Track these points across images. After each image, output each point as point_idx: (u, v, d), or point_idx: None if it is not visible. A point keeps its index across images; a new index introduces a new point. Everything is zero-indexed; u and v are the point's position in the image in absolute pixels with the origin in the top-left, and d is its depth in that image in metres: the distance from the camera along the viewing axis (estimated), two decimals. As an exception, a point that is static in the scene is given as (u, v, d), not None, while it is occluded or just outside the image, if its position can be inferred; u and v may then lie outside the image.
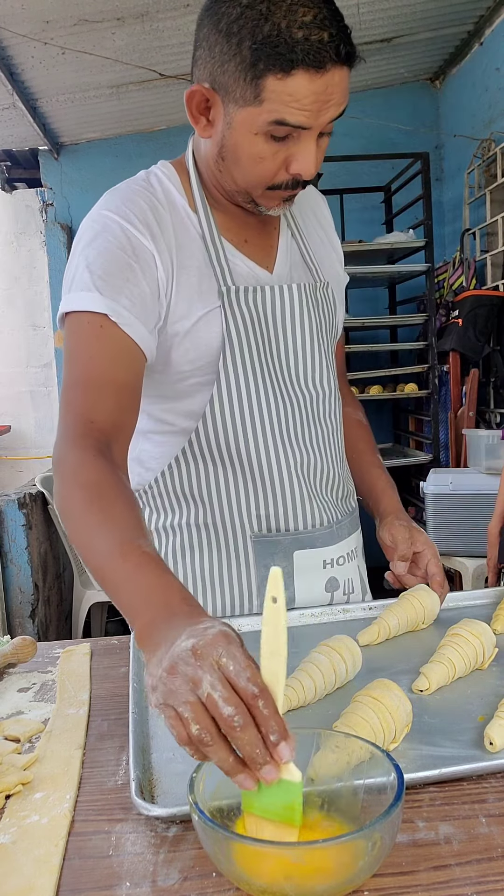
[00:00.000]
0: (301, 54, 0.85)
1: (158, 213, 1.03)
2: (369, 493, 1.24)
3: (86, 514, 0.82)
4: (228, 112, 0.93)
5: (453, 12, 3.58)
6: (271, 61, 0.85)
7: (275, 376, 1.09)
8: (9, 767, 0.73)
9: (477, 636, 0.90)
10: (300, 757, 0.64)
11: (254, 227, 1.10)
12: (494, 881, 0.56)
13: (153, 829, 0.65)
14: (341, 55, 0.87)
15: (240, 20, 0.87)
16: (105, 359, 0.96)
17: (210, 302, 1.03)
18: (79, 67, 3.38)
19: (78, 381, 0.95)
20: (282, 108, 0.88)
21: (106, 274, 0.97)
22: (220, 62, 0.90)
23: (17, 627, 2.98)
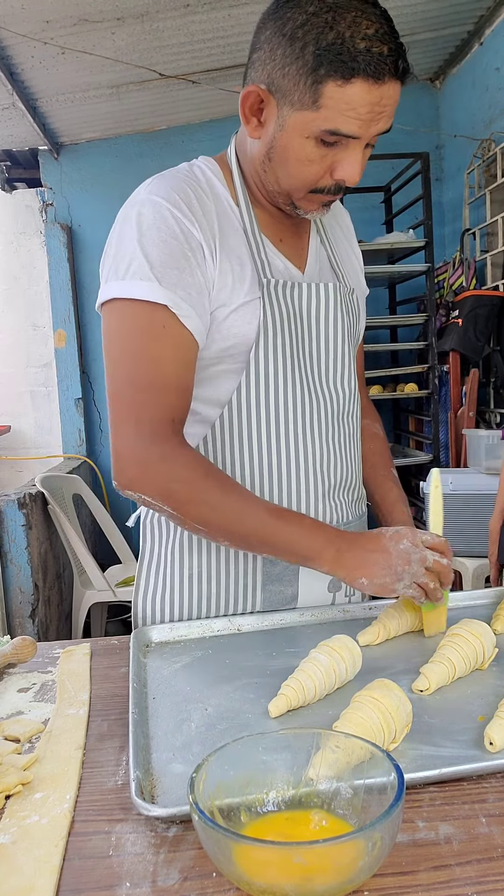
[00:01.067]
0: (363, 64, 0.88)
1: (203, 200, 1.04)
2: (380, 505, 1.27)
3: (227, 496, 0.98)
4: (282, 114, 0.96)
5: (453, 12, 3.57)
6: (333, 67, 0.89)
7: (303, 372, 1.10)
8: (9, 767, 0.73)
9: (477, 636, 0.90)
10: (300, 757, 0.65)
11: (288, 227, 1.13)
12: (494, 881, 0.56)
13: (153, 829, 0.65)
14: (398, 70, 0.91)
15: (305, 26, 0.90)
16: (172, 362, 1.00)
17: (251, 292, 1.05)
18: (79, 67, 3.38)
19: (147, 387, 0.99)
20: (337, 117, 0.92)
21: (163, 264, 0.98)
22: (280, 65, 0.93)
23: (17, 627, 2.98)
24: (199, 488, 0.98)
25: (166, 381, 0.99)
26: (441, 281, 3.97)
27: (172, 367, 1.00)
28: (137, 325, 0.99)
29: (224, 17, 3.19)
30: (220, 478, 1.00)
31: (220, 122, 4.31)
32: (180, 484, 0.98)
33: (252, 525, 0.98)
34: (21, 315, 4.53)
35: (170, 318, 0.98)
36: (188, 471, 0.98)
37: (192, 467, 0.98)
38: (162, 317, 0.98)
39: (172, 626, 1.08)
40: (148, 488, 0.98)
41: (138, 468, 0.98)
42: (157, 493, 0.98)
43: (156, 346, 0.99)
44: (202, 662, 0.99)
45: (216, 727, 0.80)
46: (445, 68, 4.25)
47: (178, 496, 0.98)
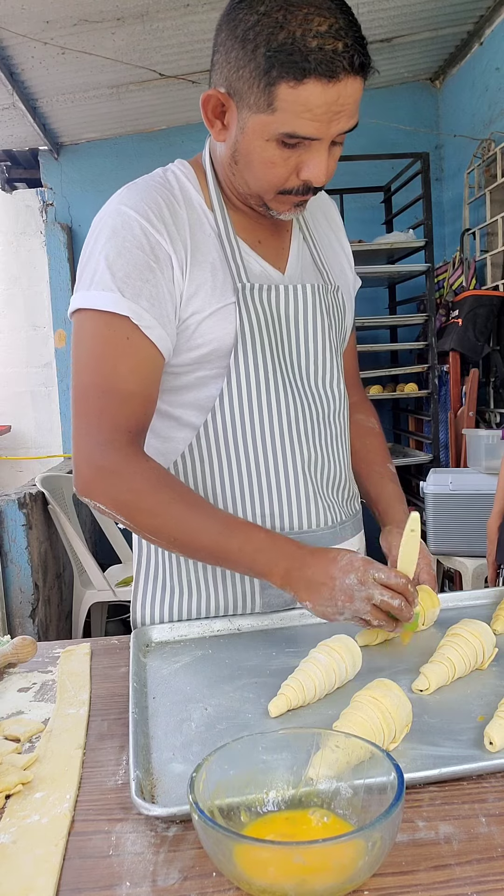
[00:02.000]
0: (314, 63, 0.85)
1: (174, 209, 1.04)
2: (378, 504, 1.23)
3: (180, 507, 0.97)
4: (242, 117, 0.94)
5: (453, 12, 3.57)
6: (285, 69, 0.86)
7: (286, 374, 1.09)
8: (9, 767, 0.73)
9: (477, 636, 0.90)
10: (300, 757, 0.65)
11: (267, 228, 1.11)
12: (494, 881, 0.56)
13: (153, 829, 0.65)
14: (355, 65, 0.88)
15: (256, 27, 0.88)
16: (132, 371, 1.00)
17: (225, 298, 1.04)
18: (79, 67, 3.38)
19: (105, 394, 0.99)
20: (293, 119, 0.90)
21: (127, 275, 0.98)
22: (235, 68, 0.91)
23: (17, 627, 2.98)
24: (151, 499, 0.97)
25: (125, 390, 0.99)
26: (441, 281, 3.97)
27: (132, 377, 0.99)
28: (100, 335, 1.00)
29: (224, 17, 3.19)
30: (174, 489, 0.99)
31: (220, 122, 4.31)
32: (132, 494, 0.97)
33: (203, 538, 0.96)
34: (21, 315, 4.53)
35: (132, 330, 0.98)
36: (141, 481, 0.97)
37: (145, 477, 0.97)
38: (124, 328, 0.98)
39: (172, 626, 1.08)
40: (101, 497, 0.98)
41: (93, 476, 0.98)
42: (109, 502, 0.98)
43: (116, 355, 0.99)
44: (202, 662, 0.99)
45: (216, 727, 0.80)
46: (445, 68, 4.25)
47: (130, 506, 0.97)
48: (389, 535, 1.14)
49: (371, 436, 1.31)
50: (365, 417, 1.32)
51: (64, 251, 4.36)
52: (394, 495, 1.23)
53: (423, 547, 1.14)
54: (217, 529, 0.96)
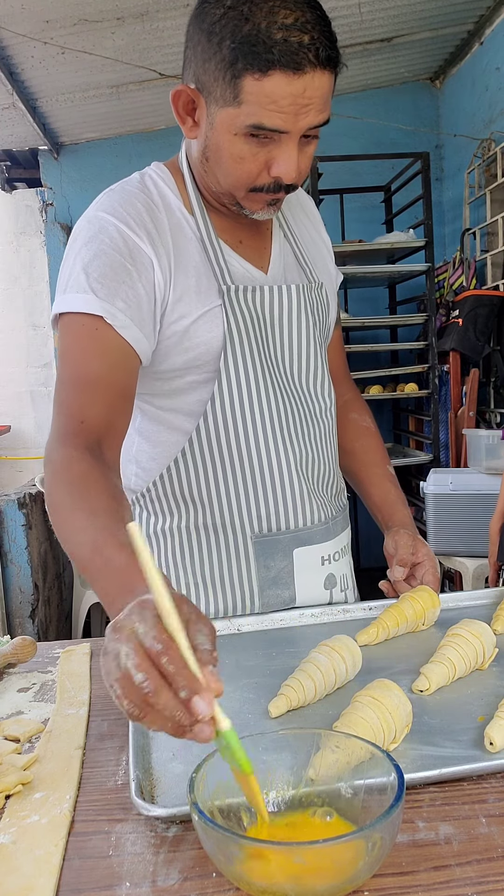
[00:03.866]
0: (278, 55, 0.85)
1: (154, 215, 1.03)
2: (380, 506, 1.22)
3: (69, 510, 0.85)
4: (210, 112, 0.93)
5: (453, 12, 3.58)
6: (249, 60, 0.86)
7: (274, 374, 1.09)
8: (9, 767, 0.73)
9: (477, 636, 0.90)
10: (300, 757, 0.65)
11: (247, 228, 1.10)
12: (494, 881, 0.56)
13: (153, 829, 0.65)
14: (321, 58, 0.86)
15: (222, 20, 0.87)
16: (98, 359, 0.96)
17: (210, 301, 1.04)
18: (79, 67, 3.38)
19: (69, 381, 0.97)
20: (259, 111, 0.89)
21: (102, 276, 0.97)
22: (202, 61, 0.91)
23: (17, 627, 2.98)
24: (57, 496, 0.89)
25: (89, 377, 0.96)
26: (441, 281, 3.97)
27: (97, 363, 0.96)
28: (74, 335, 0.98)
29: (224, 17, 3.19)
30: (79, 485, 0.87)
31: (220, 121, 4.31)
32: (50, 490, 0.90)
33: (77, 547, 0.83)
34: (21, 315, 4.53)
35: (105, 327, 0.96)
36: (58, 478, 0.89)
37: (63, 472, 0.89)
38: (96, 325, 0.96)
39: (172, 626, 1.08)
40: (46, 496, 0.93)
41: (44, 470, 0.94)
42: (46, 502, 0.92)
43: (83, 347, 0.97)
44: (202, 662, 0.98)
45: (216, 727, 0.80)
46: (445, 68, 4.25)
47: (50, 508, 0.90)
48: (396, 536, 1.14)
49: (367, 436, 1.30)
50: (359, 416, 1.31)
51: (64, 251, 4.36)
52: (397, 499, 1.23)
53: (427, 548, 1.14)
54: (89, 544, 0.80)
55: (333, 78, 0.91)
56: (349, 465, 1.28)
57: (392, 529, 1.16)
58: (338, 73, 0.91)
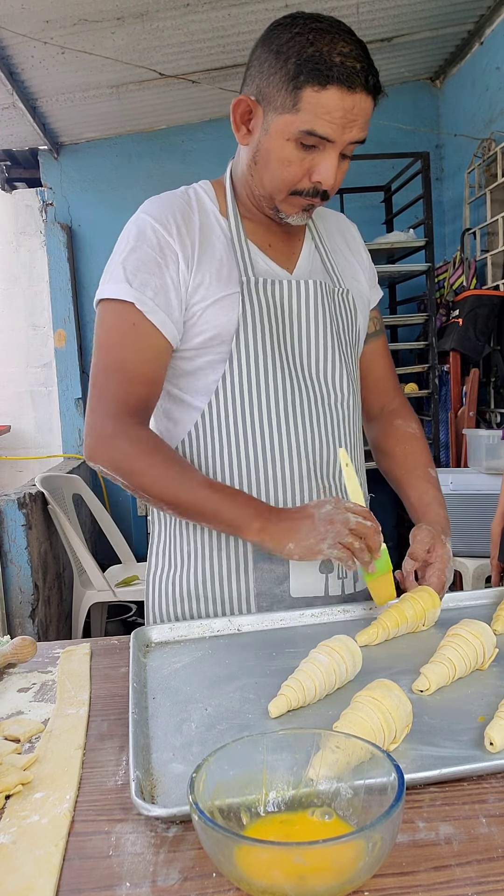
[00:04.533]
0: (336, 73, 1.00)
1: (186, 214, 1.17)
2: (416, 506, 1.25)
3: (168, 469, 1.09)
4: (267, 120, 1.07)
5: (453, 12, 3.58)
6: (311, 75, 1.01)
7: (285, 361, 1.16)
8: (9, 767, 0.73)
9: (477, 636, 0.90)
10: (300, 758, 0.65)
11: (279, 235, 1.21)
12: (495, 881, 0.56)
13: (153, 829, 0.65)
14: (369, 84, 1.03)
15: (289, 42, 1.03)
16: (138, 354, 1.13)
17: (229, 287, 1.14)
18: (79, 67, 3.38)
19: (112, 369, 1.13)
20: (313, 119, 1.03)
21: (136, 269, 1.13)
22: (267, 75, 1.05)
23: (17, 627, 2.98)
24: (142, 461, 1.09)
25: (130, 371, 1.12)
26: (441, 280, 3.97)
27: (137, 358, 1.12)
28: (111, 320, 1.14)
29: (224, 17, 3.19)
30: (165, 452, 1.10)
31: (219, 121, 4.31)
32: (127, 457, 1.10)
33: (187, 493, 1.09)
34: (21, 315, 4.53)
35: (137, 315, 1.11)
36: (135, 446, 1.10)
37: (139, 442, 1.10)
38: (130, 314, 1.12)
39: (172, 626, 1.08)
40: (102, 458, 1.11)
41: (96, 442, 1.11)
42: (108, 463, 1.11)
43: (123, 342, 1.13)
44: (202, 662, 0.99)
45: (216, 727, 0.80)
46: (445, 68, 4.25)
47: (125, 468, 1.10)
48: (417, 531, 1.16)
49: (411, 440, 1.33)
50: (405, 422, 1.35)
51: (64, 251, 4.36)
52: (433, 499, 1.25)
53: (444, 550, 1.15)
54: (202, 488, 1.09)
55: (373, 105, 1.06)
56: (390, 468, 1.33)
57: (416, 526, 1.18)
58: (376, 103, 1.06)
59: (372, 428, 1.40)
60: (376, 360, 1.36)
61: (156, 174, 4.37)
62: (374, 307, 1.35)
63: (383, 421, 1.37)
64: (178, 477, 1.09)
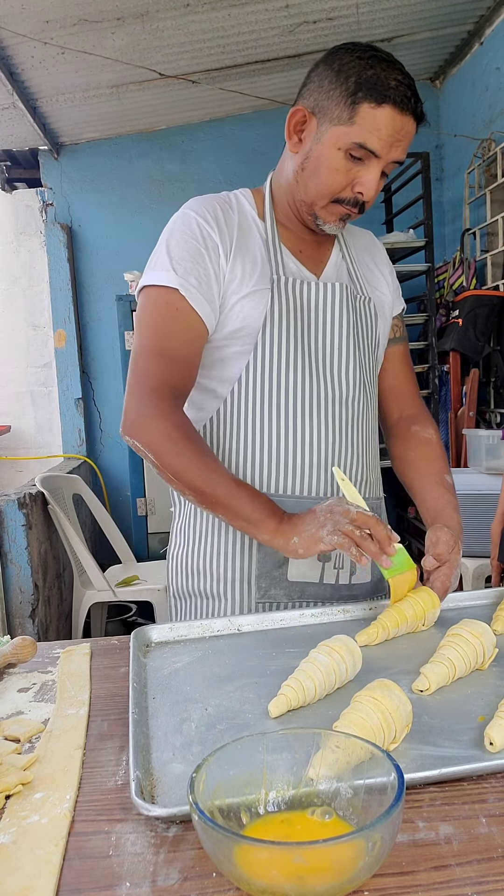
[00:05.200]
0: (392, 94, 1.10)
1: (227, 213, 1.25)
2: (431, 509, 1.26)
3: (199, 458, 1.13)
4: (321, 130, 1.15)
5: (453, 12, 3.57)
6: (370, 93, 1.10)
7: (307, 357, 1.23)
8: (9, 767, 0.73)
9: (477, 636, 0.90)
10: (300, 757, 0.65)
11: (310, 242, 1.29)
12: (494, 881, 0.56)
13: (153, 829, 0.65)
14: (416, 110, 1.13)
15: (350, 63, 1.12)
16: (180, 337, 1.18)
17: (260, 283, 1.21)
18: (79, 67, 3.38)
19: (155, 351, 1.17)
20: (366, 134, 1.11)
21: (181, 258, 1.19)
22: (327, 90, 1.14)
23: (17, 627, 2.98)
24: (178, 445, 1.13)
25: (173, 352, 1.18)
26: (441, 281, 3.97)
27: (179, 342, 1.18)
28: (156, 305, 1.19)
29: (224, 17, 3.19)
30: (198, 442, 1.15)
31: (219, 121, 4.31)
32: (163, 437, 1.13)
33: (213, 485, 1.13)
34: (21, 315, 4.53)
35: (181, 301, 1.17)
36: (174, 428, 1.13)
37: (176, 426, 1.14)
38: (175, 299, 1.18)
39: (172, 626, 1.08)
40: (139, 436, 1.14)
41: (135, 419, 1.15)
42: (144, 441, 1.14)
43: (168, 323, 1.18)
44: (202, 662, 0.99)
45: (216, 727, 0.80)
46: (445, 68, 4.25)
47: (159, 447, 1.13)
48: (439, 531, 1.16)
49: (427, 446, 1.36)
50: (421, 428, 1.38)
51: (64, 251, 4.36)
52: (448, 504, 1.26)
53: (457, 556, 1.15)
54: (227, 482, 1.13)
55: (415, 132, 1.15)
56: (406, 472, 1.35)
57: (435, 525, 1.19)
58: (417, 131, 1.16)
59: (389, 433, 1.43)
60: (396, 365, 1.41)
61: (156, 174, 4.37)
62: (396, 314, 1.40)
63: (401, 427, 1.40)
64: (206, 467, 1.13)
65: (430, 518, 1.24)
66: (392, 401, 1.42)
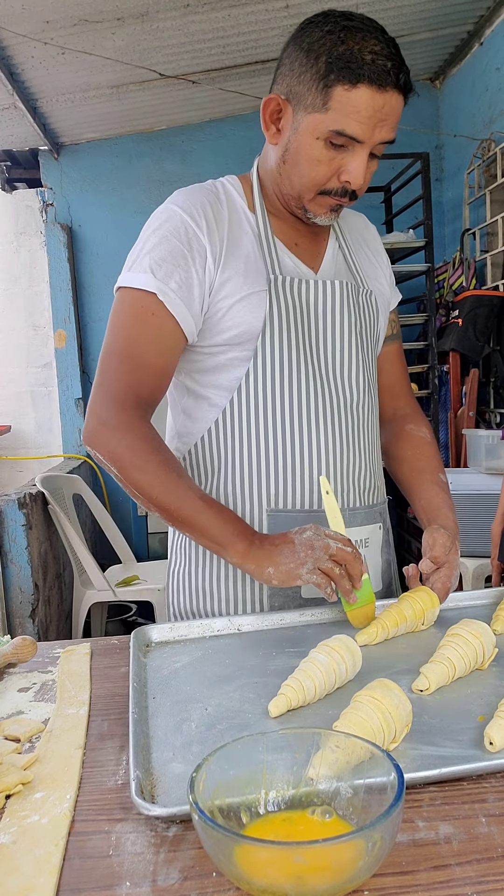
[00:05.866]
0: (367, 71, 0.99)
1: (216, 208, 1.16)
2: (426, 508, 1.23)
3: (165, 473, 1.06)
4: (297, 118, 1.06)
5: (453, 12, 3.57)
6: (342, 74, 1.00)
7: (310, 361, 1.16)
8: (9, 767, 0.73)
9: (477, 636, 0.90)
10: (300, 757, 0.65)
11: (305, 233, 1.21)
12: (494, 881, 0.56)
13: (153, 829, 0.65)
14: (400, 82, 1.02)
15: (320, 41, 1.02)
16: (152, 345, 1.11)
17: (257, 285, 1.13)
18: (79, 67, 3.38)
19: (125, 356, 1.10)
20: (343, 119, 1.02)
21: (162, 260, 1.11)
22: (297, 73, 1.04)
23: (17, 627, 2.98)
24: (142, 459, 1.06)
25: (142, 360, 1.10)
26: (441, 281, 3.97)
27: (151, 350, 1.10)
28: (130, 308, 1.12)
29: (224, 17, 3.19)
30: (165, 456, 1.08)
31: (219, 122, 4.31)
32: (127, 450, 1.06)
33: (178, 503, 1.06)
34: (21, 315, 4.53)
35: (157, 306, 1.09)
36: (138, 441, 1.06)
37: (141, 438, 1.07)
38: (151, 303, 1.10)
39: (172, 626, 1.08)
40: (101, 447, 1.08)
41: (97, 428, 1.08)
42: (106, 453, 1.08)
43: (141, 327, 1.10)
44: (202, 662, 0.99)
45: (216, 727, 0.80)
46: (445, 68, 4.25)
47: (123, 461, 1.07)
48: (436, 533, 1.13)
49: (421, 445, 1.32)
50: (416, 427, 1.34)
51: (64, 251, 4.36)
52: (443, 503, 1.22)
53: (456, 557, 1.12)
54: (193, 500, 1.06)
55: (404, 104, 1.05)
56: (400, 472, 1.31)
57: (431, 527, 1.16)
58: (407, 102, 1.05)
59: (383, 432, 1.38)
60: (391, 363, 1.37)
61: (156, 175, 4.37)
62: (392, 309, 1.36)
63: (395, 425, 1.36)
64: (172, 483, 1.06)
65: (426, 517, 1.21)
66: (387, 399, 1.37)
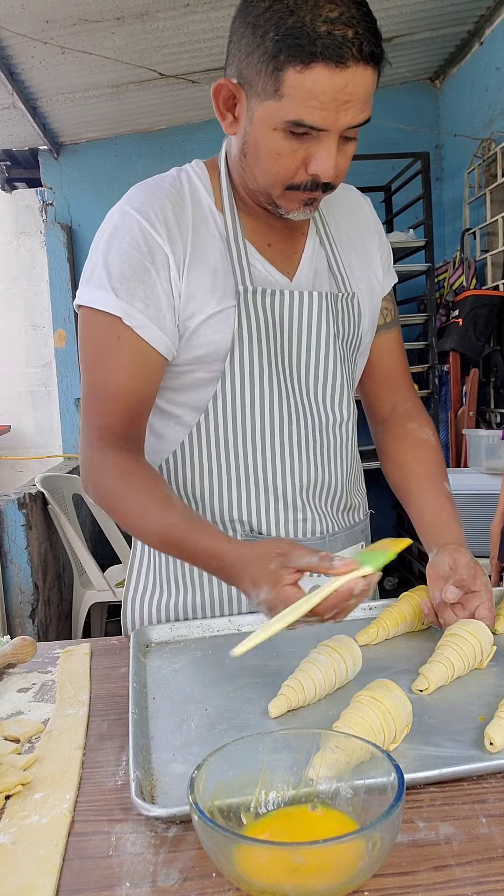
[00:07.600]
0: (321, 47, 0.83)
1: (178, 209, 1.03)
2: (431, 522, 1.10)
3: (142, 497, 0.95)
4: (251, 106, 0.92)
5: (453, 12, 3.57)
6: (292, 52, 0.84)
7: (282, 381, 1.07)
8: (9, 768, 0.73)
9: (474, 635, 0.90)
10: (300, 758, 0.65)
11: (279, 231, 1.08)
12: (494, 881, 0.56)
13: (153, 829, 0.65)
14: (364, 53, 0.85)
15: (266, 13, 0.86)
16: (124, 372, 1.01)
17: (224, 301, 1.02)
18: (79, 67, 3.38)
19: (96, 392, 1.02)
20: (299, 107, 0.87)
21: (122, 276, 0.99)
22: (245, 54, 0.90)
23: (17, 627, 2.98)
24: (116, 487, 0.98)
25: (115, 391, 1.01)
26: (441, 281, 3.97)
27: (122, 377, 1.01)
28: (95, 334, 1.02)
29: (224, 17, 3.19)
30: (138, 478, 0.97)
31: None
32: (105, 485, 1.00)
33: (159, 526, 0.94)
34: (21, 315, 4.53)
35: (124, 330, 1.00)
36: (110, 471, 0.99)
37: (114, 466, 0.98)
38: (117, 327, 1.00)
39: (172, 626, 1.08)
40: (90, 491, 1.02)
41: (85, 473, 1.02)
42: (95, 496, 1.02)
43: (107, 356, 1.01)
44: (202, 662, 0.99)
45: (216, 727, 0.80)
46: (445, 68, 4.25)
47: (105, 496, 1.00)
48: (455, 554, 1.00)
49: (424, 448, 1.19)
50: (418, 427, 1.21)
51: (64, 251, 4.36)
52: (451, 517, 1.09)
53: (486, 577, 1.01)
54: (174, 521, 0.94)
55: (376, 76, 0.89)
56: (399, 477, 1.18)
57: (448, 547, 1.02)
58: (381, 71, 0.90)
59: (380, 430, 1.25)
60: (388, 353, 1.22)
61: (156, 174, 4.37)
62: (386, 294, 1.21)
63: (394, 423, 1.22)
64: (152, 505, 0.95)
65: (431, 532, 1.08)
66: (384, 393, 1.23)
